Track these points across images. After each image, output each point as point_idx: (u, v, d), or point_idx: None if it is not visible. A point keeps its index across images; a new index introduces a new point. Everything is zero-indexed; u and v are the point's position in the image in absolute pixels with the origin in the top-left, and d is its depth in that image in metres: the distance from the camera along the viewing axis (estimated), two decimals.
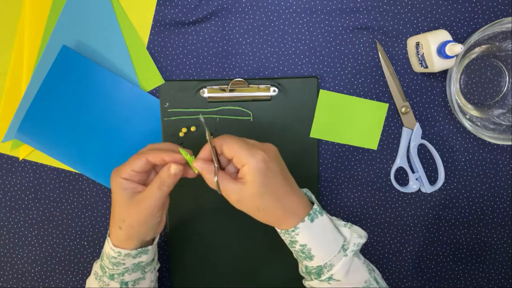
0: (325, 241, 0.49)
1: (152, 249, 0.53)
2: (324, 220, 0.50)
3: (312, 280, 0.51)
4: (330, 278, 0.49)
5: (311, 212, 0.49)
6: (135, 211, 0.48)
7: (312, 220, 0.49)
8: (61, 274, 0.66)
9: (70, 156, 0.63)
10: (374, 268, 0.54)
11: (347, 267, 0.49)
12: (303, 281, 0.54)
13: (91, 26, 0.61)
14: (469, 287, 0.67)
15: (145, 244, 0.53)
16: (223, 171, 0.48)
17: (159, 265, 0.59)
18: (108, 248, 0.51)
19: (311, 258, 0.50)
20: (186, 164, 0.50)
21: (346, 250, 0.50)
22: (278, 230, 0.51)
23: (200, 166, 0.48)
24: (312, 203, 0.51)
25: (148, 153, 0.48)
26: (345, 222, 0.52)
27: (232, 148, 0.47)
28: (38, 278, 0.66)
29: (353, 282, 0.50)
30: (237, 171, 0.48)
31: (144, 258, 0.52)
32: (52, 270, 0.66)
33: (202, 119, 0.49)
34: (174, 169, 0.47)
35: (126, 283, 0.53)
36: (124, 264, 0.51)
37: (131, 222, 0.49)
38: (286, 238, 0.51)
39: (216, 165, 0.47)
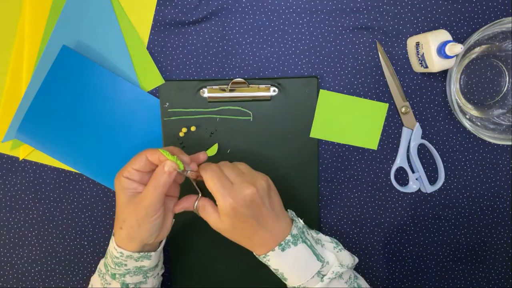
0: (296, 267, 0.51)
1: (156, 255, 0.53)
2: (298, 249, 0.51)
3: None
4: None
5: (282, 242, 0.50)
6: (133, 211, 0.49)
7: (283, 250, 0.51)
8: (61, 274, 0.66)
9: (70, 156, 0.63)
10: (361, 284, 0.54)
11: None
12: None
13: (91, 26, 0.61)
14: (469, 287, 0.67)
15: (148, 248, 0.52)
16: (205, 199, 0.52)
17: (163, 270, 0.59)
18: (112, 247, 0.52)
19: (285, 280, 0.52)
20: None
21: (323, 276, 0.51)
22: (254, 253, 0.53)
23: (179, 208, 0.53)
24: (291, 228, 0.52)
25: (147, 151, 0.49)
26: (335, 245, 0.54)
27: (209, 184, 0.49)
28: (38, 278, 0.66)
29: None
30: None
31: (147, 263, 0.52)
32: (52, 270, 0.66)
33: (192, 176, 0.51)
34: (167, 166, 0.48)
35: (127, 285, 0.53)
36: (126, 265, 0.52)
37: (130, 222, 0.49)
38: (261, 260, 0.53)
39: (199, 193, 0.52)
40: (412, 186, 0.63)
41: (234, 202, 0.48)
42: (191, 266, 0.65)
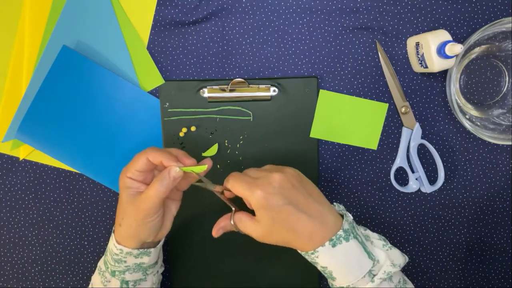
0: (347, 266, 0.47)
1: (155, 252, 0.53)
2: (349, 245, 0.47)
3: None
4: None
5: (333, 238, 0.47)
6: (133, 211, 0.49)
7: (334, 245, 0.47)
8: (61, 274, 0.66)
9: (70, 156, 0.63)
10: None
11: None
12: None
13: (91, 26, 0.61)
14: (469, 287, 0.67)
15: (148, 245, 0.53)
16: (240, 212, 0.50)
17: (163, 268, 0.59)
18: (112, 244, 0.52)
19: (333, 279, 0.49)
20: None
21: (374, 276, 0.47)
22: (299, 251, 0.50)
23: (217, 230, 0.51)
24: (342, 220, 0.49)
25: (149, 153, 0.49)
26: (384, 242, 0.50)
27: (235, 188, 0.48)
28: (38, 278, 0.66)
29: None
30: None
31: (146, 259, 0.52)
32: (52, 270, 0.66)
33: (212, 188, 0.51)
34: (174, 172, 0.48)
35: (127, 282, 0.53)
36: (125, 262, 0.52)
37: (130, 221, 0.49)
38: (307, 258, 0.50)
39: (233, 208, 0.49)
40: (412, 186, 0.63)
41: (263, 191, 0.46)
42: (191, 266, 0.65)
